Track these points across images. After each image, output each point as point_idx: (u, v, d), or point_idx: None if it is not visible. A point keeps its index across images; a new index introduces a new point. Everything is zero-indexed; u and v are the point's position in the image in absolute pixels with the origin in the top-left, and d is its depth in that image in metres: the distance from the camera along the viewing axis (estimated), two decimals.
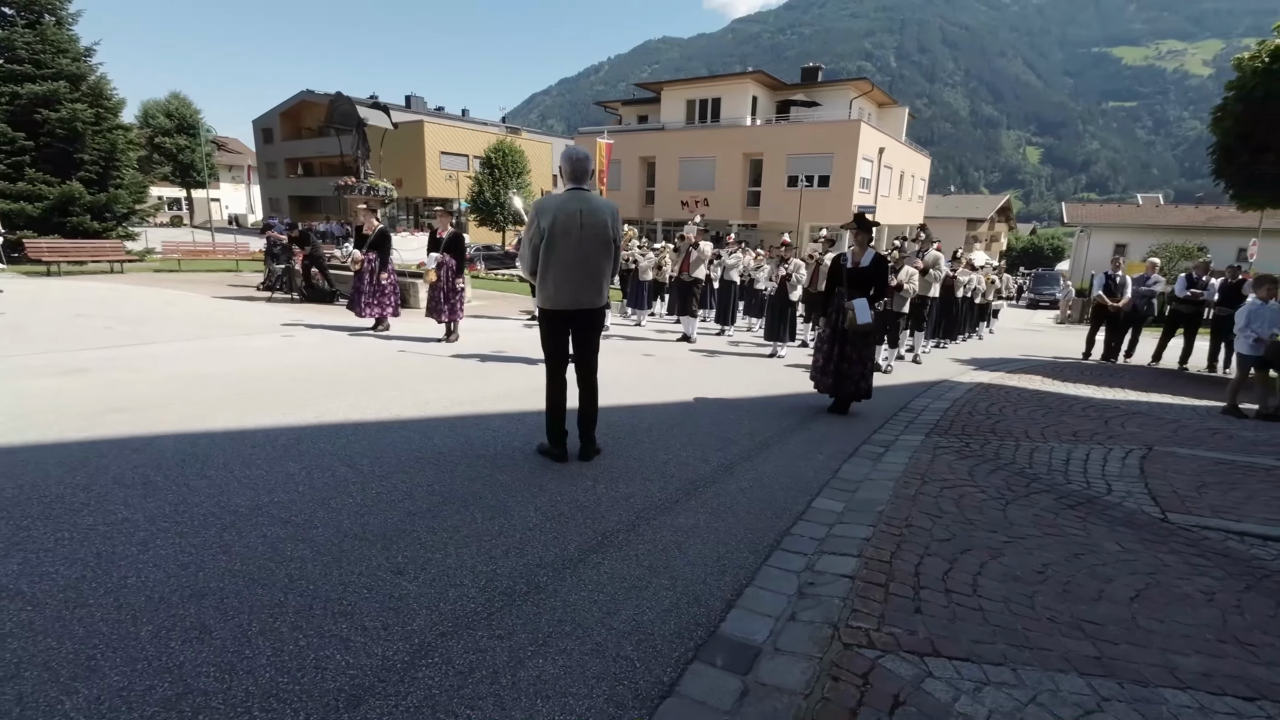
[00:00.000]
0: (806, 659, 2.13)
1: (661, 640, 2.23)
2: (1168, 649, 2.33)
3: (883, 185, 31.57)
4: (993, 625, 2.39)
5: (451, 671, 2.00)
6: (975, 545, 3.08)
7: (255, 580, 2.43)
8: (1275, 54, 8.15)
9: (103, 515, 2.87)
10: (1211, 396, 7.65)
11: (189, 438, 3.97)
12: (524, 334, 9.61)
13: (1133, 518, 3.58)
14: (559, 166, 3.85)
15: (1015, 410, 6.19)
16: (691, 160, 31.26)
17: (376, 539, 2.82)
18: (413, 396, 5.30)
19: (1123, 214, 45.19)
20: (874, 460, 4.45)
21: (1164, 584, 2.82)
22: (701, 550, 2.93)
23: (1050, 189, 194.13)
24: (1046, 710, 1.94)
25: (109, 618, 2.15)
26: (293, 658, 2.01)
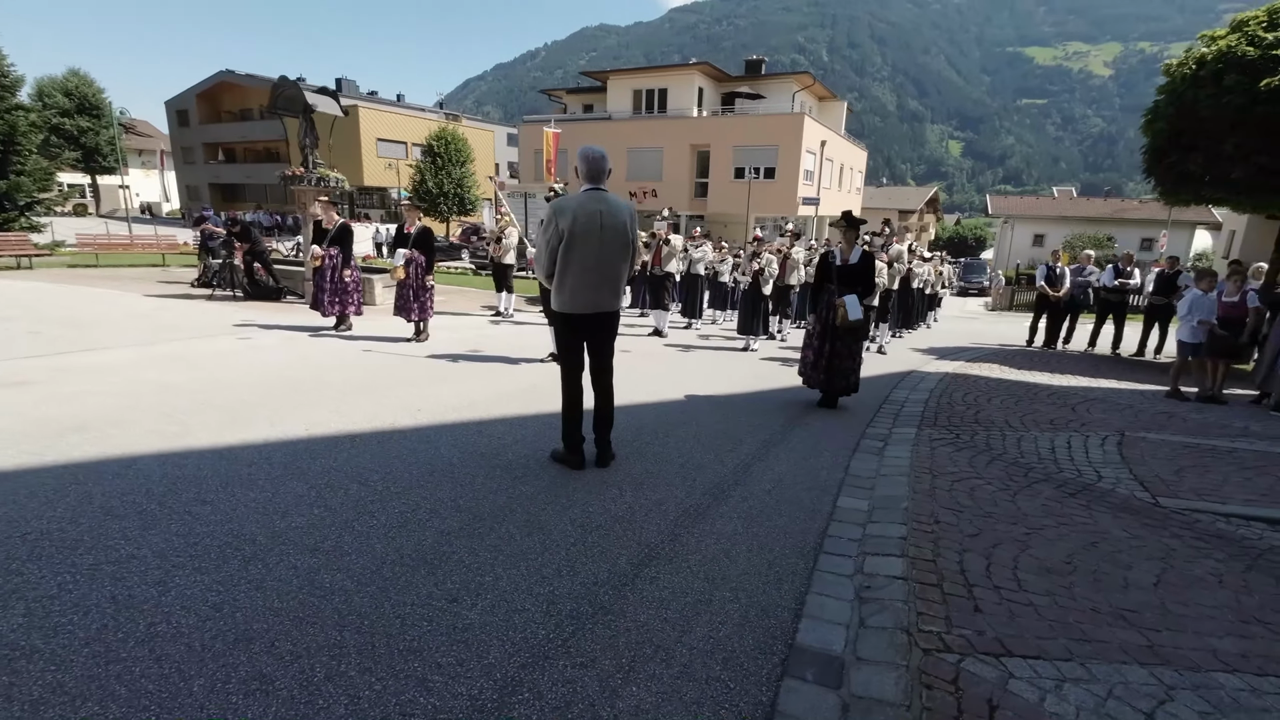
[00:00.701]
0: (893, 667, 2.15)
1: (745, 657, 2.21)
2: (1202, 632, 2.48)
3: (825, 177, 32.40)
4: (1048, 620, 2.48)
5: (547, 707, 1.91)
6: (1002, 539, 3.19)
7: (302, 619, 2.25)
8: (1201, 62, 8.79)
9: (103, 552, 2.59)
10: (1150, 381, 8.25)
11: (172, 458, 3.65)
12: (496, 332, 9.35)
13: (1128, 503, 3.81)
14: (575, 166, 3.72)
15: (989, 400, 6.49)
16: (639, 151, 31.13)
17: (417, 563, 2.67)
18: (401, 402, 5.06)
19: (1040, 206, 48.10)
20: (878, 455, 4.56)
21: (1177, 568, 3.01)
22: (750, 558, 2.92)
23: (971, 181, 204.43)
24: (1125, 704, 2.02)
25: (151, 673, 1.94)
26: (372, 704, 1.87)
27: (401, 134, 39.18)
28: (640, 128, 31.18)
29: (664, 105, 31.65)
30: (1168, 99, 9.27)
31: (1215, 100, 8.52)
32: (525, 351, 7.65)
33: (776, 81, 32.79)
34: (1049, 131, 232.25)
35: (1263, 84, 8.05)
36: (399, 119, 40.61)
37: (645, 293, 11.04)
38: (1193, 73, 8.87)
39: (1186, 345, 7.01)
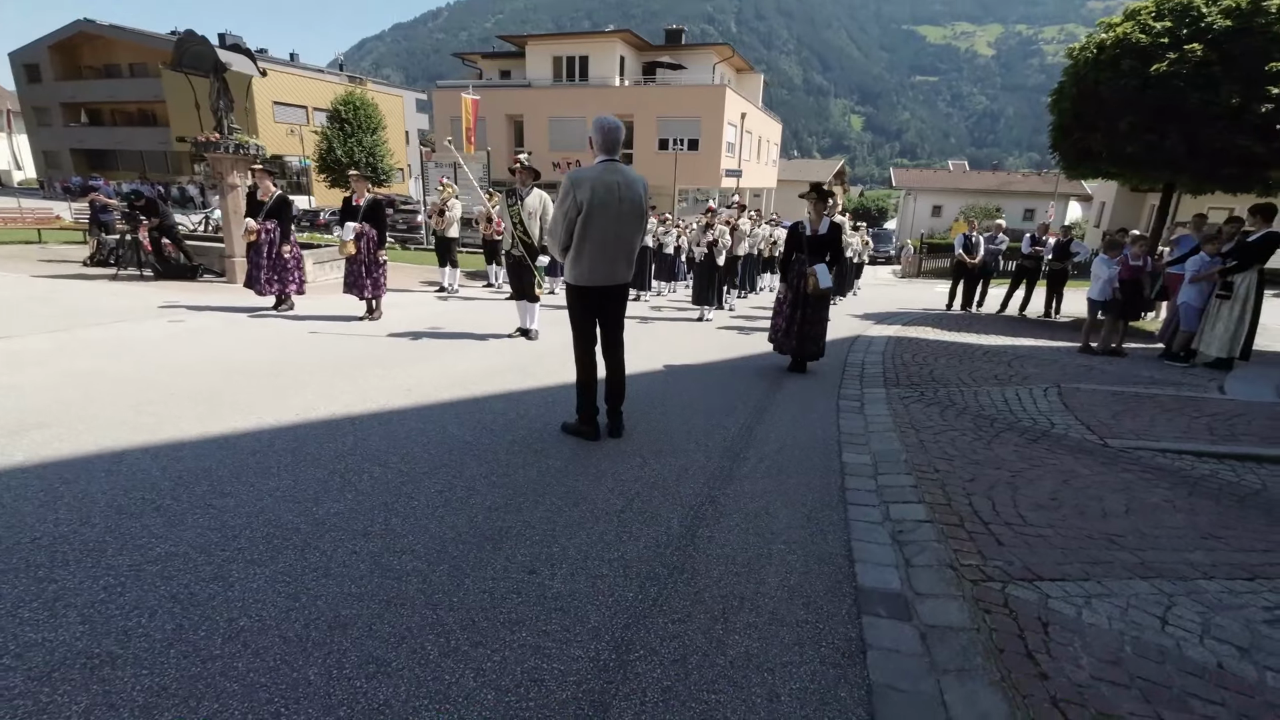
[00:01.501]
0: (952, 598, 2.40)
1: (821, 600, 2.39)
2: (1175, 549, 2.91)
3: (745, 149, 33.07)
4: (1058, 549, 2.82)
5: (666, 661, 2.01)
6: (994, 482, 3.55)
7: (389, 601, 2.21)
8: (1101, 47, 9.67)
9: (137, 552, 2.41)
10: (1057, 338, 9.18)
11: (163, 451, 3.38)
12: (448, 308, 9.05)
13: (1082, 445, 4.31)
14: (590, 136, 3.69)
15: (936, 359, 7.03)
16: (562, 120, 30.44)
17: (479, 540, 2.66)
18: (387, 383, 4.87)
19: (938, 178, 51.31)
20: (860, 414, 4.88)
21: (1139, 497, 3.47)
22: (789, 514, 3.10)
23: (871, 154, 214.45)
24: (1141, 611, 2.37)
25: (257, 666, 1.87)
26: (499, 674, 1.90)
27: (301, 97, 36.26)
28: (562, 96, 30.44)
29: (585, 73, 31.01)
30: (1071, 81, 10.15)
31: (1113, 83, 9.41)
32: (489, 327, 7.49)
33: (696, 52, 32.85)
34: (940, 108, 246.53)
35: (1153, 69, 8.98)
36: (297, 81, 37.49)
37: None
38: (1094, 57, 9.75)
39: (1095, 304, 7.84)
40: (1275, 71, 8.47)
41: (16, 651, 1.86)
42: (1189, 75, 8.80)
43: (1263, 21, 8.58)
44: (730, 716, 1.79)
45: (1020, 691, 1.91)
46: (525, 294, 6.87)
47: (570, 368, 4.01)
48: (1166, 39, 9.04)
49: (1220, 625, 2.29)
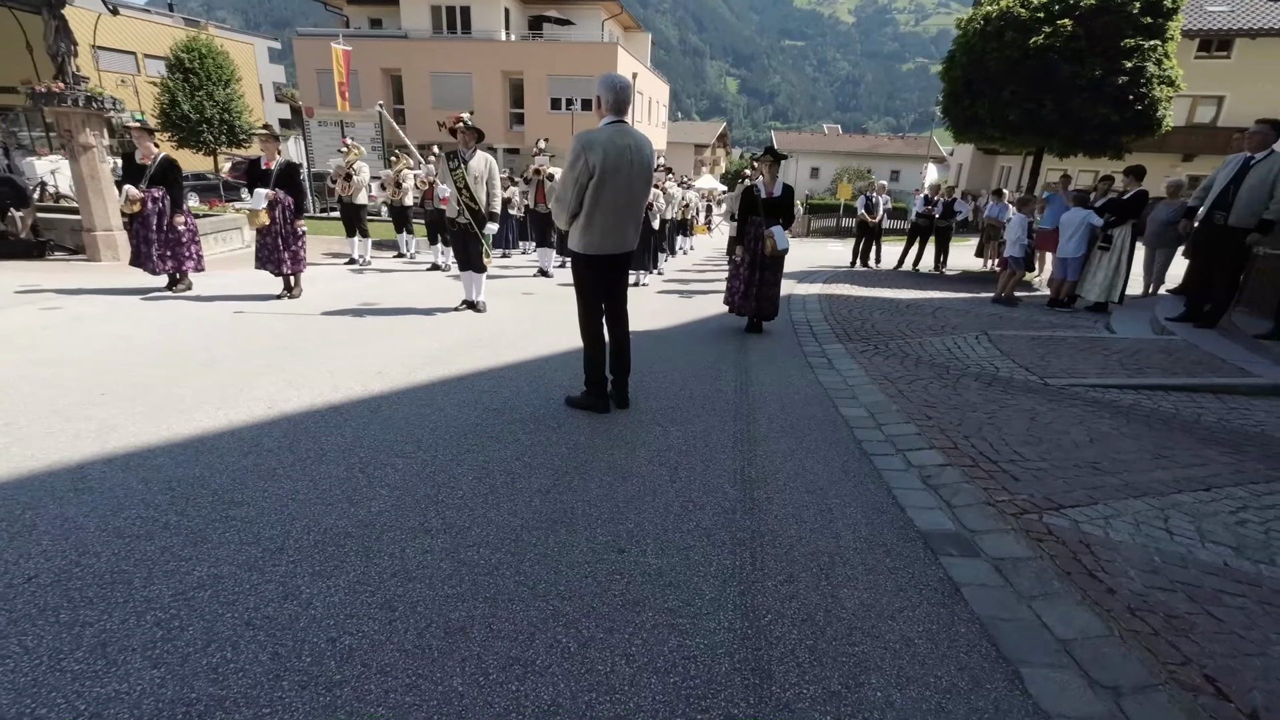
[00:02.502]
0: (1004, 531, 2.64)
1: (897, 546, 2.54)
2: (1141, 470, 3.36)
3: (638, 111, 32.81)
4: (1060, 479, 3.17)
5: (798, 620, 2.06)
6: (979, 424, 3.90)
7: (494, 598, 2.08)
8: (988, 19, 10.49)
9: (174, 579, 2.09)
10: (960, 290, 10.11)
11: (132, 460, 2.91)
12: (369, 281, 8.36)
13: (1028, 386, 4.83)
14: (598, 96, 3.49)
15: (869, 314, 7.50)
16: (444, 76, 28.53)
17: (548, 524, 2.56)
18: (351, 366, 4.47)
19: (815, 141, 53.92)
20: (831, 369, 5.14)
21: (1093, 428, 3.96)
22: (824, 468, 3.24)
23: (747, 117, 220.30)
24: (1149, 525, 2.73)
25: (396, 685, 1.70)
26: (648, 655, 1.86)
27: (127, 41, 31.13)
28: (444, 50, 28.43)
29: (468, 25, 29.13)
30: (961, 50, 10.95)
31: (998, 54, 10.28)
32: (428, 301, 7.03)
33: (584, 8, 31.77)
34: (807, 72, 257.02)
35: (1031, 41, 9.89)
36: (123, 22, 32.01)
37: (534, 232, 10.60)
38: (981, 28, 10.56)
39: (1012, 260, 8.67)
40: (1128, 47, 9.61)
41: (91, 711, 1.57)
42: (1061, 48, 9.78)
43: (1118, 1, 9.66)
44: (881, 664, 1.88)
45: (1103, 606, 2.16)
46: (472, 264, 6.49)
47: (540, 340, 3.92)
48: (1043, 14, 9.95)
49: (1210, 531, 2.70)
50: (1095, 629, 2.04)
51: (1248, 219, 5.76)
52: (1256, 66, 22.76)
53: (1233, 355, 5.33)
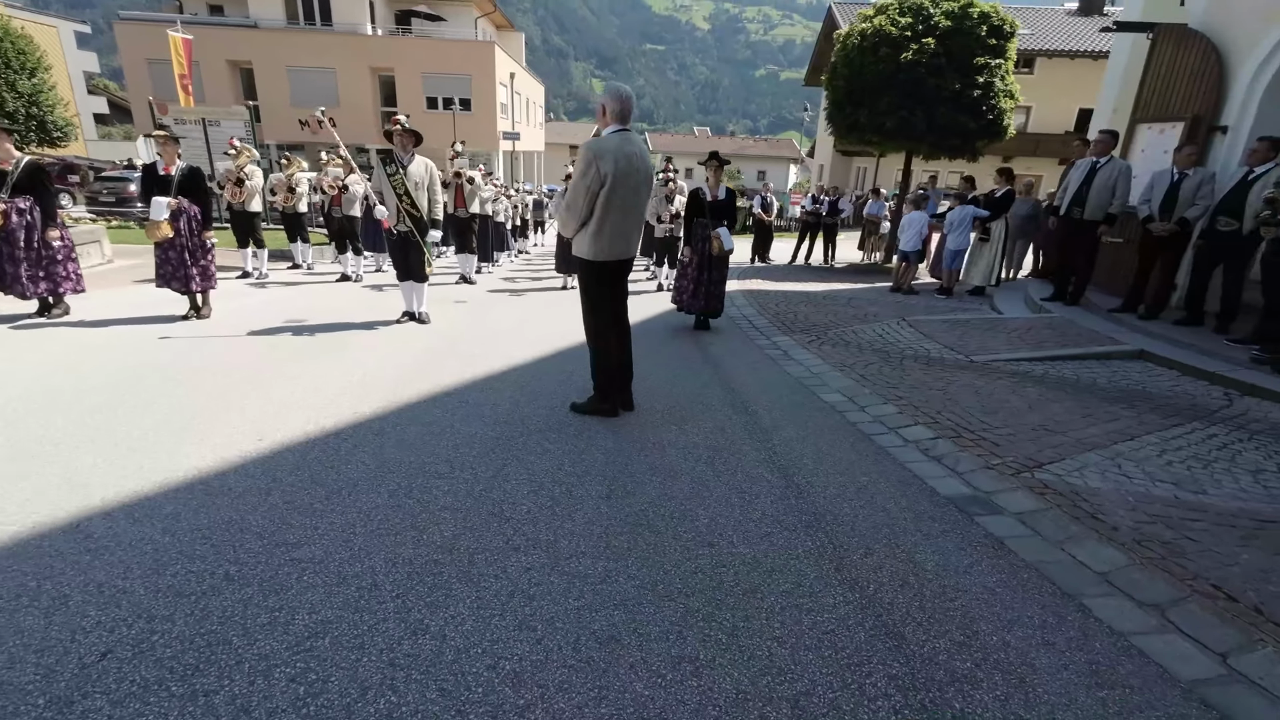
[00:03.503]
0: (1014, 489, 3.06)
1: (936, 513, 2.86)
2: (1078, 428, 3.99)
3: (517, 111, 32.29)
4: (1028, 441, 3.69)
5: (899, 586, 2.29)
6: (942, 400, 4.41)
7: (624, 604, 2.12)
8: (864, 35, 11.55)
9: (276, 630, 1.92)
10: (855, 281, 11.08)
11: (135, 510, 2.56)
12: (279, 295, 7.65)
13: (959, 363, 5.48)
14: (603, 104, 3.51)
15: (795, 307, 8.06)
16: (304, 71, 26.37)
17: (631, 528, 2.61)
18: (327, 387, 4.16)
19: (687, 143, 55.90)
20: (792, 360, 5.51)
21: (1028, 397, 4.61)
22: (840, 453, 3.53)
23: None
24: (1110, 472, 3.28)
25: (583, 699, 1.71)
26: (816, 643, 2.00)
27: None
28: (302, 42, 26.27)
29: (328, 16, 27.11)
30: (842, 63, 11.96)
31: (874, 67, 11.35)
32: (357, 315, 6.60)
33: (454, 5, 30.71)
34: (669, 76, 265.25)
35: (902, 57, 11.02)
36: None
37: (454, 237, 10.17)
38: (858, 43, 11.60)
39: (903, 253, 9.62)
40: (980, 64, 11.01)
41: None
42: (926, 64, 10.99)
43: (969, 24, 11.04)
44: (982, 612, 2.16)
45: (1115, 541, 2.60)
46: (414, 274, 6.19)
47: (505, 348, 3.97)
48: (910, 32, 11.13)
49: (1151, 472, 3.30)
50: (1120, 560, 2.46)
51: (1098, 213, 6.90)
52: (1052, 81, 26.82)
53: (1102, 327, 6.37)
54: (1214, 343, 5.75)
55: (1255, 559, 2.49)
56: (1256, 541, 2.62)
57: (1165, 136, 7.14)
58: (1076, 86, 26.75)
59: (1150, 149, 7.32)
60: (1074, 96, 27.43)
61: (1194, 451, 3.57)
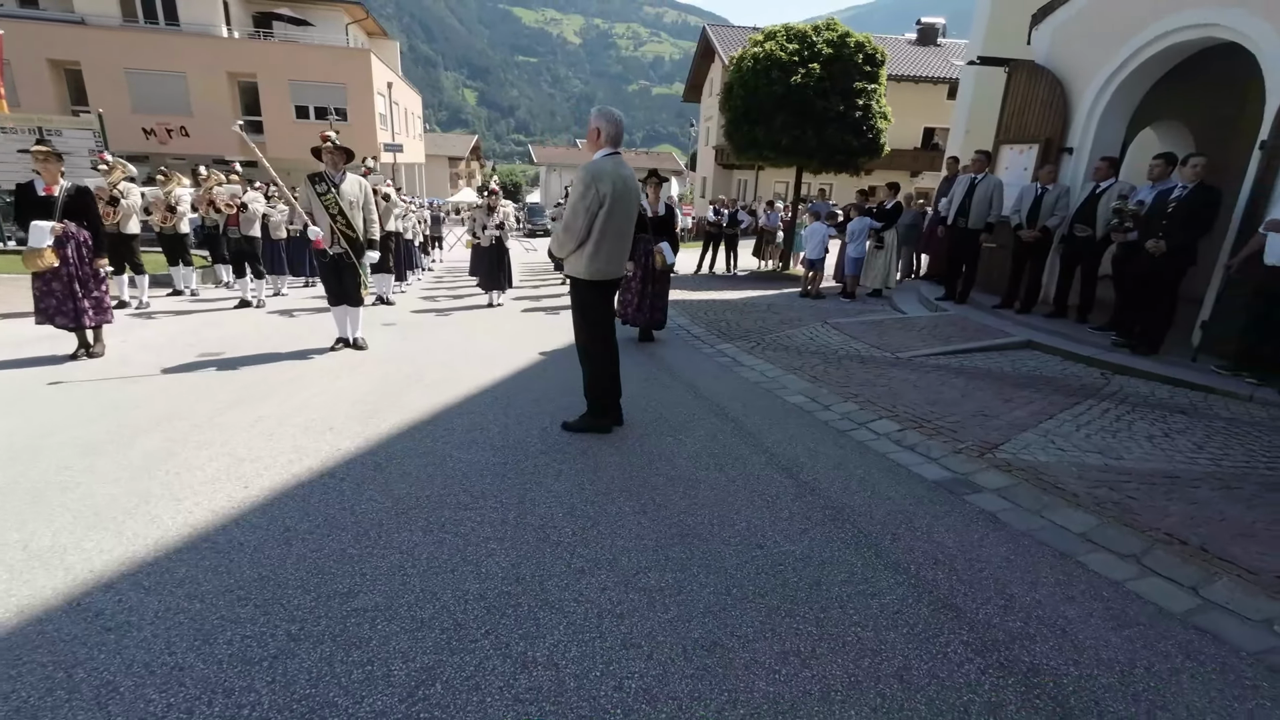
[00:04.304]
0: (986, 470, 3.48)
1: (930, 494, 3.20)
2: (1006, 412, 4.58)
3: (397, 122, 30.94)
4: (976, 426, 4.19)
5: (935, 564, 2.56)
6: (891, 395, 4.87)
7: (712, 612, 2.22)
8: (756, 59, 12.34)
9: (385, 686, 1.83)
10: (762, 288, 11.76)
11: (130, 582, 2.28)
12: (188, 327, 6.87)
13: (890, 360, 6.05)
14: (596, 128, 3.57)
15: (725, 315, 8.44)
16: (147, 74, 23.67)
17: (679, 540, 2.70)
18: (285, 428, 3.85)
19: (572, 155, 56.15)
20: (743, 366, 5.81)
21: (957, 387, 5.20)
22: (830, 449, 3.81)
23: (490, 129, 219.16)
24: (1049, 447, 3.81)
25: (725, 700, 1.79)
26: (871, 620, 2.20)
27: None
28: (143, 42, 23.53)
29: (173, 15, 24.50)
30: (738, 84, 12.69)
31: (767, 89, 12.16)
32: (280, 344, 6.11)
33: (322, 9, 28.90)
34: (544, 88, 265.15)
35: (792, 80, 11.91)
36: None
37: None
38: (752, 66, 12.38)
39: (810, 260, 10.34)
40: (858, 89, 12.13)
41: None
42: (813, 87, 11.95)
43: (848, 52, 12.15)
44: (1013, 577, 2.47)
45: (1081, 505, 3.05)
46: (349, 298, 5.84)
47: (464, 371, 4.02)
48: (797, 58, 12.05)
49: (1078, 444, 3.88)
50: (1091, 521, 2.91)
51: (979, 222, 7.89)
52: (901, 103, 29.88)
53: (992, 322, 7.28)
54: (1080, 331, 6.77)
55: (1181, 509, 3.03)
56: (1175, 495, 3.19)
57: (1024, 156, 8.31)
58: (921, 108, 30.08)
59: (1013, 166, 8.46)
60: (920, 117, 30.85)
61: (1100, 425, 4.22)
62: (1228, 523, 2.89)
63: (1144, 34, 6.84)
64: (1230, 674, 1.97)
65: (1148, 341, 5.95)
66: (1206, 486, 3.29)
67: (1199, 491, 3.23)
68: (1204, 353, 5.80)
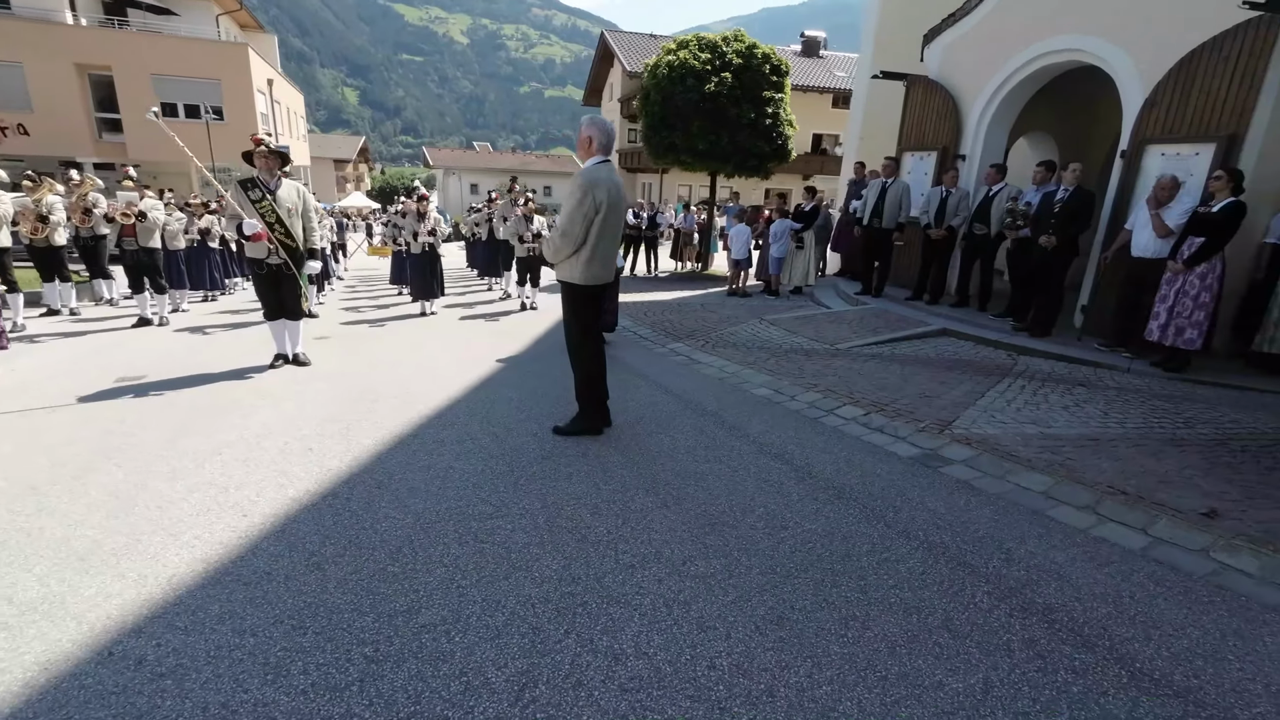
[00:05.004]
0: (948, 443, 3.88)
1: (911, 469, 3.54)
2: (945, 392, 5.09)
3: (279, 122, 28.85)
4: (924, 407, 4.63)
5: (940, 528, 2.86)
6: (845, 383, 5.26)
7: (768, 588, 2.37)
8: (671, 66, 12.70)
9: (497, 694, 1.83)
10: (692, 288, 12.13)
11: (165, 623, 2.12)
12: (83, 352, 6.13)
13: (829, 351, 6.50)
14: (589, 136, 3.62)
15: (667, 315, 8.66)
16: None
17: (706, 530, 2.84)
18: (259, 452, 3.62)
19: (470, 158, 54.71)
20: (700, 363, 6.04)
21: (897, 372, 5.69)
22: (810, 435, 4.09)
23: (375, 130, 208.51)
24: (991, 422, 4.30)
25: (837, 691, 1.95)
26: (913, 587, 2.45)
27: None
28: None
29: None
30: (656, 91, 13.00)
31: (683, 96, 12.57)
32: (214, 365, 5.65)
33: None
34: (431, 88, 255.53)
35: (706, 88, 12.39)
36: None
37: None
38: (667, 74, 12.74)
39: (735, 260, 10.77)
40: (767, 98, 12.81)
41: None
42: (726, 95, 12.50)
43: (755, 62, 12.79)
44: (1007, 532, 2.82)
45: (1035, 468, 3.50)
46: (288, 311, 5.50)
47: (427, 384, 4.06)
48: (710, 67, 12.55)
49: (1013, 416, 4.41)
50: (1048, 482, 3.35)
51: (891, 222, 8.62)
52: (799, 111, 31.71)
53: (908, 313, 7.98)
54: (983, 318, 7.58)
55: (1111, 465, 3.56)
56: (1103, 454, 3.73)
57: (925, 162, 9.16)
58: (810, 115, 31.97)
59: (915, 171, 9.31)
60: (809, 124, 32.64)
61: (1023, 399, 4.81)
62: (1148, 474, 3.43)
63: (1020, 56, 7.77)
64: (1191, 594, 2.38)
65: (1041, 325, 6.78)
66: (1123, 445, 3.87)
67: (1118, 450, 3.79)
68: (1086, 333, 6.71)
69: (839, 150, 32.96)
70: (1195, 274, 5.35)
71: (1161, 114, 6.15)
